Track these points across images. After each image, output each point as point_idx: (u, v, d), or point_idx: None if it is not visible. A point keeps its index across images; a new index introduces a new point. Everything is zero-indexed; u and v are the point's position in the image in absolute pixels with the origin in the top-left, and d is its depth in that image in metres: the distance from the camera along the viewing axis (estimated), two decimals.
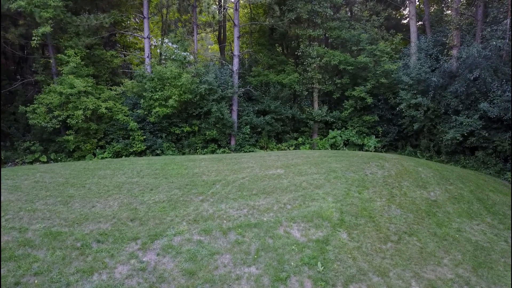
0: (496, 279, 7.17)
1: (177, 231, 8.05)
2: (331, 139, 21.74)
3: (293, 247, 7.60)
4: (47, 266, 6.71)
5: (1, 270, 6.56)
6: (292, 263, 7.07)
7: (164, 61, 22.54)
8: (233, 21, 21.47)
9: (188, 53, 21.83)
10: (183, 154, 19.49)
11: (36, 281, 6.34)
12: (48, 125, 17.45)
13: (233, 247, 7.56)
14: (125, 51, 26.29)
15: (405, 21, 29.24)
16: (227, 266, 6.97)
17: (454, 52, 18.40)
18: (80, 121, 17.33)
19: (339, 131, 22.01)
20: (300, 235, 8.09)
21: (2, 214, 8.53)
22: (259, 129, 21.52)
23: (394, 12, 29.35)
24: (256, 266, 6.98)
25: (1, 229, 7.90)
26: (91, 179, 11.25)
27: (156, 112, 18.64)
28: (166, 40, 25.14)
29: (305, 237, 8.02)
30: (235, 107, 20.93)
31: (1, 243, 7.36)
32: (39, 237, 7.68)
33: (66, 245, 7.41)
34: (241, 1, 24.85)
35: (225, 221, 8.59)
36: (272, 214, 8.98)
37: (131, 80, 21.36)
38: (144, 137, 19.16)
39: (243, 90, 21.46)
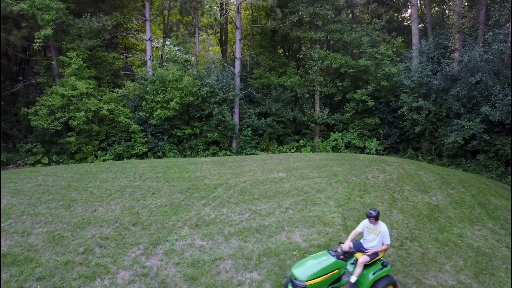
0: (498, 286, 7.17)
1: (179, 236, 8.07)
2: (332, 141, 21.75)
3: (294, 252, 7.62)
4: (49, 271, 6.74)
5: (4, 275, 6.59)
6: None
7: (166, 63, 22.58)
8: (235, 24, 21.51)
9: (190, 55, 21.87)
10: (185, 156, 19.52)
11: (38, 286, 6.37)
12: (50, 127, 17.50)
13: (235, 253, 7.58)
14: (127, 53, 26.36)
15: (406, 24, 29.23)
16: (229, 271, 6.99)
17: (456, 55, 18.39)
18: (81, 123, 17.38)
19: (340, 134, 22.02)
20: (302, 240, 8.10)
21: (4, 219, 8.56)
22: (261, 132, 21.54)
23: (395, 15, 29.36)
24: (258, 272, 7.00)
25: (4, 233, 7.94)
26: (93, 182, 11.28)
27: (158, 114, 18.67)
28: (167, 42, 25.20)
29: (307, 242, 8.03)
30: (236, 110, 20.96)
31: (4, 248, 7.39)
32: (42, 241, 7.72)
33: (69, 250, 7.45)
34: (243, 4, 24.88)
35: (227, 226, 8.61)
36: (274, 219, 9.00)
37: (132, 82, 21.41)
38: (146, 139, 19.20)
39: (244, 92, 21.49)
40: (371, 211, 6.23)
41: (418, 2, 24.57)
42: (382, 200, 10.36)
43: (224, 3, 23.12)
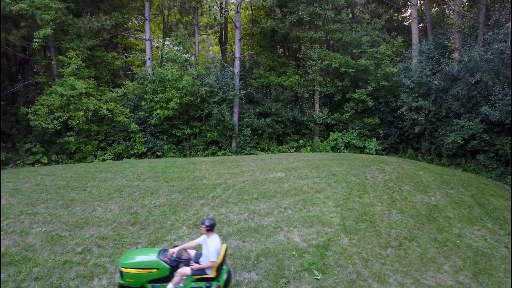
0: (497, 286, 7.15)
1: (178, 236, 8.06)
2: (332, 141, 21.73)
3: (293, 252, 7.60)
4: (47, 271, 6.73)
5: (2, 275, 6.58)
6: (292, 269, 7.07)
7: (165, 63, 22.57)
8: (235, 23, 21.49)
9: (189, 55, 21.85)
10: (184, 156, 19.51)
11: (36, 286, 6.37)
12: (49, 127, 17.49)
13: (233, 252, 7.57)
14: (126, 53, 26.35)
15: (406, 23, 29.22)
16: None
17: (455, 55, 18.37)
18: (81, 123, 17.37)
19: (340, 134, 22.00)
20: (301, 240, 8.09)
21: (3, 218, 8.55)
22: (260, 131, 21.53)
23: (395, 14, 29.34)
24: (256, 272, 6.98)
25: (2, 233, 7.93)
26: (92, 182, 11.27)
27: (157, 114, 18.66)
28: (167, 42, 25.18)
29: (306, 242, 8.02)
30: (236, 109, 20.95)
31: (2, 248, 7.38)
32: (40, 241, 7.71)
33: (67, 249, 7.44)
34: (243, 3, 24.87)
35: (225, 226, 8.59)
36: (272, 219, 8.99)
37: (132, 82, 21.40)
38: (145, 139, 19.19)
39: (244, 92, 21.47)
40: (204, 220, 5.73)
41: (418, 2, 24.55)
42: (381, 200, 10.35)
43: (223, 3, 23.11)
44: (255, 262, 7.26)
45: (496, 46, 15.73)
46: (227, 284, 6.18)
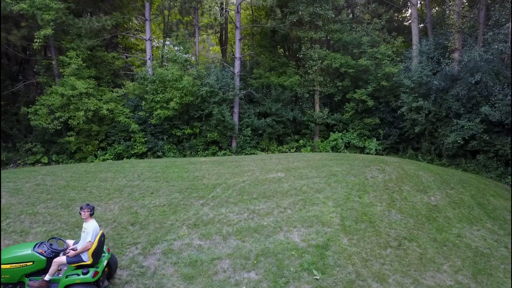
0: (496, 286, 7.16)
1: (178, 236, 8.08)
2: (332, 141, 21.74)
3: (292, 252, 7.62)
4: None
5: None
6: (292, 269, 7.09)
7: (165, 63, 22.58)
8: (235, 23, 21.50)
9: (190, 55, 21.85)
10: (184, 156, 19.53)
11: None
12: (50, 127, 17.52)
13: (233, 252, 7.59)
14: (127, 53, 26.37)
15: (406, 23, 29.23)
16: (226, 271, 7.00)
17: (455, 55, 18.37)
18: (81, 123, 17.39)
19: (340, 134, 22.01)
20: (300, 240, 8.10)
21: (3, 218, 8.57)
22: (260, 131, 21.54)
23: (396, 15, 29.35)
24: (255, 272, 7.00)
25: (2, 233, 7.95)
26: (92, 182, 11.29)
27: (158, 114, 18.68)
28: (167, 42, 25.20)
29: (305, 242, 8.03)
30: (236, 110, 20.96)
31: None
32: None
33: None
34: (243, 3, 24.88)
35: (225, 226, 8.61)
36: (272, 219, 9.00)
37: (132, 82, 21.42)
38: (146, 139, 19.21)
39: (244, 92, 21.48)
40: (82, 206, 5.91)
41: (418, 2, 24.55)
42: (381, 200, 10.36)
43: (224, 3, 23.11)
44: (255, 262, 7.27)
45: (496, 46, 15.72)
46: (112, 271, 6.39)
